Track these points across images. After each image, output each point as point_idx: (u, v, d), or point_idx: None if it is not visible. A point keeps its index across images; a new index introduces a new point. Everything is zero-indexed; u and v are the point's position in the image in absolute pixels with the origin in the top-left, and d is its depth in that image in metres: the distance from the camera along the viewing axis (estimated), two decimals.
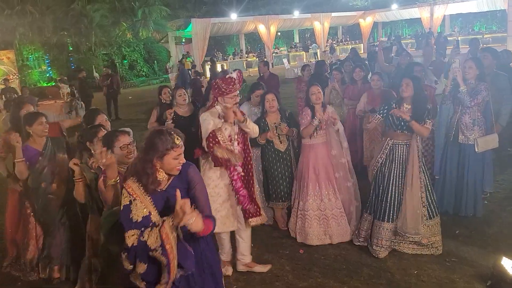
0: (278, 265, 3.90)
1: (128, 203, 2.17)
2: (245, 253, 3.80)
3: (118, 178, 2.52)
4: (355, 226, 4.21)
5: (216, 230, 3.44)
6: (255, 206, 3.62)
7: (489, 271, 3.37)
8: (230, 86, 3.34)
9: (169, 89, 5.59)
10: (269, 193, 4.50)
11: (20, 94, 16.23)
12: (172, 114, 4.78)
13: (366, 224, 4.01)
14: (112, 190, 2.53)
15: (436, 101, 4.97)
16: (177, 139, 2.19)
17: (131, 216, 2.15)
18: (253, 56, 26.27)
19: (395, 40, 17.06)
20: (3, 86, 15.94)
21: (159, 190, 2.25)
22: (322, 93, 4.13)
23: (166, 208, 2.23)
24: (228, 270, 3.72)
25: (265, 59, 21.08)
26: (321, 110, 4.07)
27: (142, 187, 2.19)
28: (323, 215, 4.13)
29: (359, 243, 4.08)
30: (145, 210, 2.17)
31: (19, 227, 3.97)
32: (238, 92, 3.44)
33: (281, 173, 4.40)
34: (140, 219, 2.15)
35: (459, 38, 25.83)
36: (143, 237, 2.09)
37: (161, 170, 2.20)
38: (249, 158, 3.63)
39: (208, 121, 3.40)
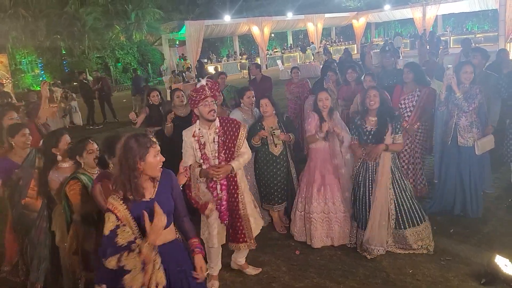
0: (274, 266, 3.92)
1: (114, 228, 2.12)
2: (240, 257, 3.82)
3: None
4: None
5: (212, 245, 3.49)
6: (239, 233, 3.50)
7: (483, 269, 3.41)
8: (200, 93, 3.22)
9: (157, 92, 5.64)
10: (261, 195, 4.52)
11: (13, 99, 16.17)
12: (173, 117, 4.80)
13: (353, 231, 4.08)
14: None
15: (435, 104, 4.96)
16: (152, 136, 2.24)
17: (116, 240, 2.10)
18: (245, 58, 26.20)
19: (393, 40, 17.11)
20: None
21: (149, 199, 2.24)
22: (329, 100, 4.11)
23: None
24: (214, 285, 3.56)
25: (255, 62, 21.17)
26: (327, 121, 4.03)
27: (127, 206, 2.17)
28: (327, 218, 4.14)
29: (351, 246, 4.11)
30: (131, 235, 2.16)
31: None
32: (213, 100, 3.28)
33: (273, 177, 4.41)
34: (125, 244, 2.12)
35: (451, 38, 26.08)
36: (121, 262, 2.08)
37: (144, 175, 2.20)
38: (233, 181, 3.46)
39: (184, 145, 3.38)
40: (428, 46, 16.98)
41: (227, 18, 25.29)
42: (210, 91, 3.24)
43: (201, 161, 3.36)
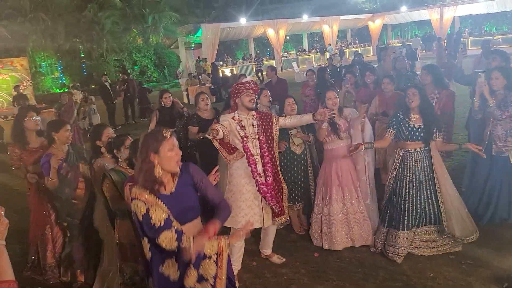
0: (293, 268, 3.94)
1: (145, 212, 2.18)
2: (267, 246, 4.09)
3: None
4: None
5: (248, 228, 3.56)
6: (280, 206, 3.73)
7: (505, 273, 3.37)
8: (245, 85, 3.66)
9: (169, 94, 5.69)
10: None
11: (33, 101, 16.53)
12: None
13: (382, 236, 4.01)
14: None
15: (454, 106, 4.92)
16: (165, 131, 2.29)
17: (152, 223, 2.17)
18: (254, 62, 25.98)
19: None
20: (15, 93, 16.21)
21: (169, 193, 2.29)
22: (338, 98, 4.14)
23: (181, 210, 2.29)
24: None
25: (271, 65, 21.13)
26: (338, 119, 4.09)
27: (151, 193, 2.23)
28: (346, 219, 4.13)
29: (374, 250, 4.08)
30: (163, 213, 2.20)
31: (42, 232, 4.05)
32: (255, 95, 3.70)
33: (294, 175, 4.44)
34: (162, 223, 2.17)
35: (469, 40, 25.66)
36: (183, 244, 2.16)
37: (159, 167, 2.25)
38: (274, 163, 3.75)
39: (222, 120, 3.71)
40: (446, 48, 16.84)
41: (242, 21, 25.42)
42: (254, 86, 3.70)
43: (241, 143, 3.63)
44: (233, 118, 3.67)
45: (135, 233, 2.70)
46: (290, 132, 4.31)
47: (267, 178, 3.64)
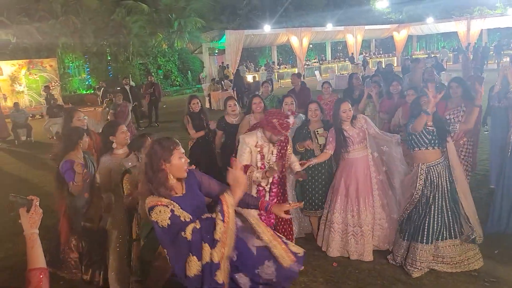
0: (311, 277, 3.92)
1: (171, 212, 2.19)
2: None
3: None
4: (391, 243, 4.18)
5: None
6: (287, 234, 3.74)
7: None
8: (284, 129, 3.43)
9: (198, 99, 5.75)
10: (303, 200, 4.55)
11: (60, 101, 16.99)
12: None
13: (402, 250, 3.95)
14: None
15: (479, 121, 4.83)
16: (175, 139, 2.34)
17: (183, 219, 2.20)
18: (264, 69, 26.00)
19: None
20: (44, 94, 16.71)
21: (182, 195, 2.35)
22: (352, 111, 4.15)
23: (193, 209, 2.33)
24: None
25: (272, 77, 21.16)
26: (349, 129, 4.13)
27: (167, 198, 2.26)
28: (345, 230, 4.17)
29: (394, 263, 4.03)
30: (186, 214, 2.25)
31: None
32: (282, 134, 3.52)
33: (318, 181, 4.45)
34: (188, 219, 2.22)
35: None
36: (215, 235, 2.15)
37: (171, 175, 2.29)
38: (285, 189, 3.79)
39: (244, 148, 3.56)
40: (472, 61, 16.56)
41: (266, 28, 25.58)
42: (286, 128, 3.46)
43: (258, 168, 3.56)
44: (256, 146, 3.56)
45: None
46: (317, 131, 4.32)
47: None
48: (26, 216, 1.80)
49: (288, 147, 3.76)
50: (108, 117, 10.54)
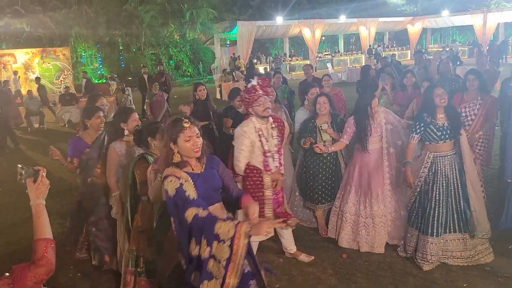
0: (320, 268, 3.90)
1: (179, 185, 2.27)
2: (288, 247, 4.04)
3: None
4: (400, 238, 4.14)
5: (256, 239, 3.55)
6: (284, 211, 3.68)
7: None
8: (252, 94, 3.33)
9: (204, 87, 5.73)
10: (306, 193, 4.52)
11: (72, 90, 17.13)
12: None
13: (413, 239, 3.91)
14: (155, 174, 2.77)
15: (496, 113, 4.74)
16: (185, 122, 2.36)
17: (187, 195, 2.26)
18: (273, 63, 25.72)
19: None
20: (59, 81, 16.89)
21: (199, 172, 2.40)
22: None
23: (208, 189, 2.40)
24: None
25: (281, 68, 21.03)
26: (372, 123, 4.08)
27: (184, 171, 2.34)
28: (356, 221, 4.15)
29: (404, 255, 4.00)
30: (194, 192, 2.30)
31: None
32: (267, 97, 3.39)
33: (319, 176, 4.41)
34: (196, 197, 2.28)
35: None
36: (215, 229, 2.15)
37: (178, 154, 2.36)
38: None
39: (242, 139, 3.41)
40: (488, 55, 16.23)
41: (279, 19, 25.39)
42: (262, 90, 3.35)
43: (263, 155, 3.45)
44: (255, 131, 3.41)
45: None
46: (320, 126, 4.26)
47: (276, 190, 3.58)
48: (33, 186, 1.82)
49: (285, 131, 3.75)
50: (145, 107, 10.63)
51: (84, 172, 3.77)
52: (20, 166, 1.84)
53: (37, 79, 16.07)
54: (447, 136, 3.70)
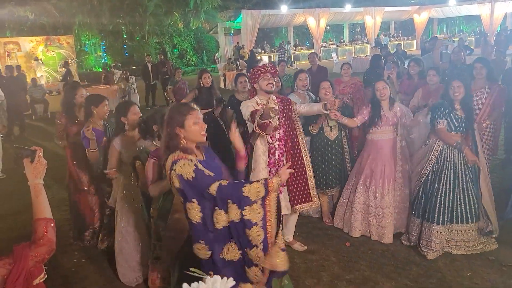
0: (323, 255, 3.90)
1: (195, 167, 2.18)
2: (286, 235, 4.02)
3: None
4: (404, 227, 4.14)
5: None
6: (304, 193, 3.72)
7: None
8: (261, 68, 3.62)
9: (209, 74, 5.67)
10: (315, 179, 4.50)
11: (76, 78, 17.13)
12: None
13: (416, 228, 3.91)
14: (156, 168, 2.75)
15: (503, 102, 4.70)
16: (193, 104, 2.34)
17: (206, 173, 2.19)
18: (275, 52, 25.63)
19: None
20: (63, 70, 16.85)
21: (202, 159, 2.36)
22: (387, 89, 4.06)
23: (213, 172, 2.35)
24: None
25: (284, 58, 20.89)
26: (387, 112, 4.06)
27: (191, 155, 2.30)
28: (366, 211, 4.14)
29: (408, 244, 3.99)
30: (208, 171, 2.26)
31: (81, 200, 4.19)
32: (273, 78, 3.62)
33: (328, 161, 4.39)
34: (213, 174, 2.22)
35: None
36: (244, 192, 2.12)
37: (184, 140, 2.29)
38: (296, 146, 3.73)
39: (247, 106, 3.61)
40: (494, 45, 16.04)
41: (283, 8, 25.13)
42: (270, 69, 3.63)
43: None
44: (257, 104, 3.60)
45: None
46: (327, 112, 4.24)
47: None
48: (30, 166, 1.81)
49: (293, 107, 3.75)
50: (165, 94, 10.60)
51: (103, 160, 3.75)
52: (17, 146, 1.84)
53: (66, 63, 16.24)
54: (461, 128, 3.69)
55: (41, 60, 18.86)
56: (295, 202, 3.73)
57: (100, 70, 20.76)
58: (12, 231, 4.80)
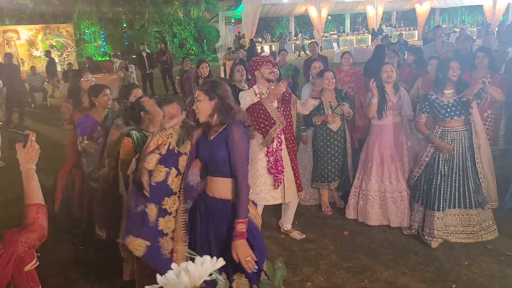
0: (322, 244, 3.90)
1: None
2: (285, 223, 4.06)
3: None
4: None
5: (264, 203, 3.60)
6: (298, 183, 3.77)
7: None
8: (263, 58, 3.67)
9: (207, 64, 5.63)
10: (317, 172, 4.48)
11: (75, 67, 17.03)
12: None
13: (418, 215, 3.91)
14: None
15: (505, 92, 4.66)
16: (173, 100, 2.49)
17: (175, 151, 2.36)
18: (275, 42, 25.47)
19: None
20: (61, 58, 16.78)
21: (211, 139, 2.40)
22: (394, 71, 4.08)
23: (211, 158, 2.41)
24: None
25: (285, 47, 20.77)
26: (391, 96, 4.06)
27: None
28: (383, 197, 4.11)
29: (409, 232, 3.98)
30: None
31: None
32: (276, 68, 3.66)
33: (330, 153, 4.38)
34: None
35: None
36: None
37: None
38: (292, 136, 3.73)
39: (245, 98, 3.59)
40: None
41: None
42: (273, 59, 3.68)
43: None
44: (255, 94, 3.58)
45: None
46: (335, 112, 4.23)
47: (281, 154, 3.63)
48: (22, 151, 1.78)
49: (292, 101, 3.69)
50: (176, 84, 10.47)
51: (95, 150, 3.71)
52: (10, 130, 1.84)
53: (48, 52, 15.93)
54: (453, 113, 3.65)
55: (56, 47, 18.68)
56: (298, 189, 3.76)
57: (99, 58, 20.64)
58: (12, 218, 4.79)
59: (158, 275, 0.79)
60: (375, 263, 3.54)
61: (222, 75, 16.48)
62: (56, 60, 17.48)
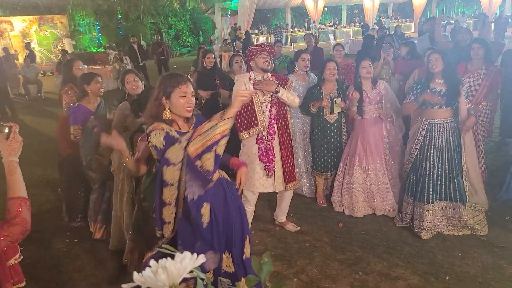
0: (316, 236, 3.90)
1: (165, 134, 2.18)
2: (280, 215, 4.07)
3: None
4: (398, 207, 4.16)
5: (253, 189, 3.62)
6: (293, 172, 3.77)
7: None
8: (259, 47, 3.63)
9: (213, 54, 5.52)
10: (313, 162, 4.51)
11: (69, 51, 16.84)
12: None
13: (409, 207, 3.92)
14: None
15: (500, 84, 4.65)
16: (184, 77, 2.29)
17: (176, 138, 2.19)
18: (270, 33, 25.39)
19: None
20: (55, 50, 16.61)
21: (186, 131, 2.30)
22: (372, 67, 4.11)
23: None
24: None
25: (280, 39, 20.68)
26: (369, 91, 4.09)
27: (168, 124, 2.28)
28: (368, 189, 4.15)
29: (401, 224, 4.00)
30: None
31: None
32: (270, 57, 3.62)
33: (326, 143, 4.38)
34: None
35: None
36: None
37: (169, 111, 2.25)
38: (285, 127, 3.71)
39: (240, 82, 3.59)
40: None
41: None
42: (268, 48, 3.63)
43: (253, 105, 3.57)
44: (249, 79, 3.58)
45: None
46: (335, 101, 4.21)
47: (273, 143, 3.63)
48: (5, 143, 1.73)
49: (288, 87, 3.68)
50: (190, 75, 10.34)
51: (90, 140, 3.68)
52: None
53: (28, 45, 15.70)
54: (443, 101, 3.65)
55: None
56: (289, 180, 3.74)
57: (94, 50, 20.48)
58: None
59: (135, 273, 0.77)
60: (369, 255, 3.54)
61: (218, 67, 16.39)
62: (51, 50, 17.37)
